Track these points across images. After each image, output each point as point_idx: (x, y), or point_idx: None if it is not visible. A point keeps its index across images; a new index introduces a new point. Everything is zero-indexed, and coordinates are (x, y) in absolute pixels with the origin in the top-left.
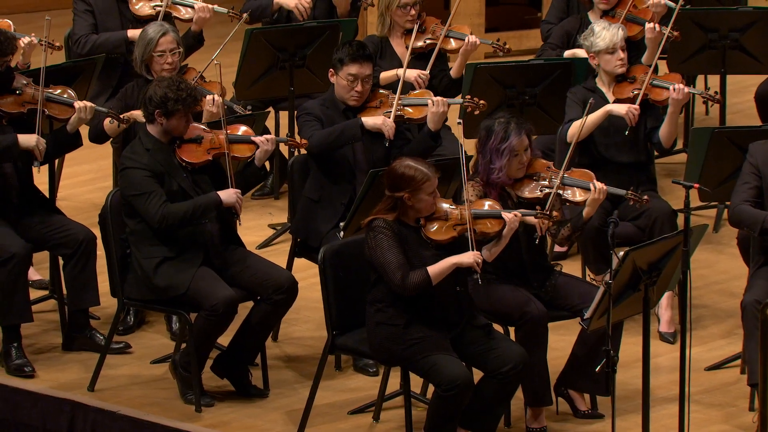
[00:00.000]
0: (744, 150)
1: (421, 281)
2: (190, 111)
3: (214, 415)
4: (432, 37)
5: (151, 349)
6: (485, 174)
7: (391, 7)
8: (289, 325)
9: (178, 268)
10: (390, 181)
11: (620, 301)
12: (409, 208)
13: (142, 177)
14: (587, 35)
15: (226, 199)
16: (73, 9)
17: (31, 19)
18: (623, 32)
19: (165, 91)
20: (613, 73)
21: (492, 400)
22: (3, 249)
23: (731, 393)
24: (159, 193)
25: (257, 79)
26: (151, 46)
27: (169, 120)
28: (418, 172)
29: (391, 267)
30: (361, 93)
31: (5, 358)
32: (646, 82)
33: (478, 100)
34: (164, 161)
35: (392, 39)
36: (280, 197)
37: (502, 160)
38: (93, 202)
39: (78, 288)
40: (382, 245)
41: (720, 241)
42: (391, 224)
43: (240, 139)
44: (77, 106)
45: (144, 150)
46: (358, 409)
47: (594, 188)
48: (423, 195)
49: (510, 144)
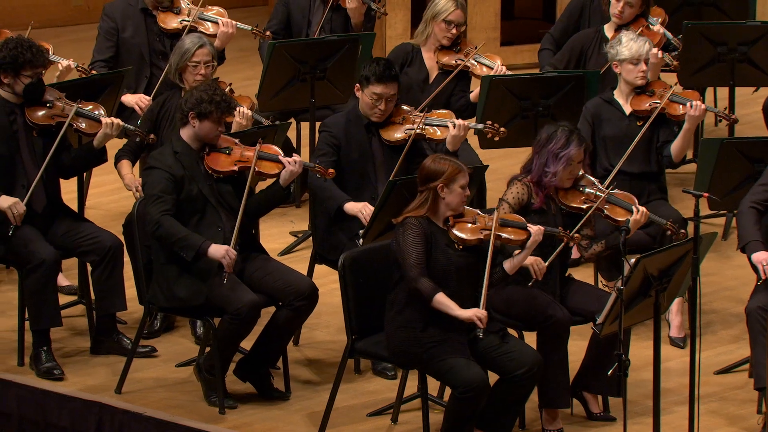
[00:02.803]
0: (752, 160)
1: (425, 290)
2: (223, 117)
3: (237, 417)
4: (462, 59)
5: (176, 352)
6: (538, 174)
7: (437, 19)
8: (309, 329)
9: (195, 280)
10: (423, 176)
11: (632, 306)
12: (441, 201)
13: (160, 178)
14: (614, 44)
15: (213, 253)
16: (99, 26)
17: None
18: (650, 46)
19: (201, 94)
20: (633, 84)
21: (507, 402)
22: (33, 256)
23: (740, 396)
24: (168, 201)
25: (279, 91)
26: (187, 56)
27: (201, 122)
28: (451, 164)
29: (410, 261)
30: (383, 111)
31: (35, 362)
32: (665, 96)
33: (498, 127)
34: (189, 165)
35: (425, 49)
36: (301, 206)
37: (558, 166)
38: (119, 211)
39: (105, 293)
40: (407, 240)
41: (729, 248)
42: (421, 222)
43: (268, 156)
44: (105, 121)
45: (171, 152)
46: (377, 412)
47: (637, 210)
48: (456, 186)
49: (569, 152)
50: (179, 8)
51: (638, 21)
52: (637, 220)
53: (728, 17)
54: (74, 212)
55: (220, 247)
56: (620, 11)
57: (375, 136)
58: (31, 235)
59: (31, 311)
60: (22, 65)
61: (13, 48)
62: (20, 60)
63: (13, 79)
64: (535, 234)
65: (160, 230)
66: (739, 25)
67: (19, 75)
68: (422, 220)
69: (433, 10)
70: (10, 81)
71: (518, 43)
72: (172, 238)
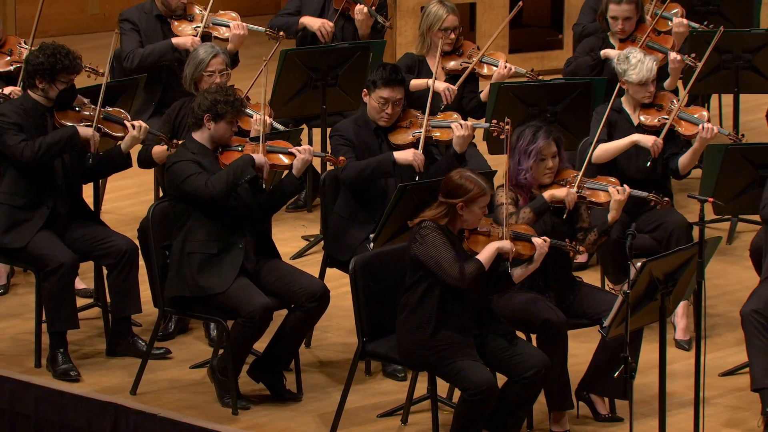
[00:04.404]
0: (756, 166)
1: (476, 269)
2: (237, 117)
3: (250, 417)
4: (468, 61)
5: (190, 354)
6: (514, 175)
7: (433, 29)
8: (321, 332)
9: (218, 270)
10: (447, 188)
11: (638, 309)
12: (458, 217)
13: (187, 164)
14: (621, 62)
15: (258, 159)
16: (120, 29)
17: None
18: (656, 67)
19: (215, 96)
20: (640, 102)
21: (515, 403)
22: (51, 259)
23: (744, 398)
24: (204, 173)
25: (292, 98)
26: (203, 66)
27: (217, 124)
28: (477, 186)
29: (448, 261)
30: (390, 115)
31: (52, 363)
32: (674, 115)
33: (503, 124)
34: (207, 165)
35: (429, 59)
36: (313, 210)
37: (529, 162)
38: (135, 215)
39: (121, 296)
40: (436, 242)
41: (733, 252)
42: (441, 226)
43: (279, 149)
44: (134, 125)
45: (190, 153)
46: (387, 413)
47: (616, 190)
48: (476, 208)
49: (537, 146)
50: (192, 15)
51: (642, 27)
52: (618, 200)
53: (733, 26)
54: (94, 214)
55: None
56: (621, 28)
57: (384, 140)
58: (48, 239)
59: (49, 314)
60: (59, 71)
61: (51, 54)
62: (58, 66)
63: (48, 85)
64: (540, 247)
65: (213, 189)
66: (744, 34)
67: (55, 81)
68: (441, 226)
69: (427, 21)
70: (45, 86)
71: (526, 50)
72: (228, 179)
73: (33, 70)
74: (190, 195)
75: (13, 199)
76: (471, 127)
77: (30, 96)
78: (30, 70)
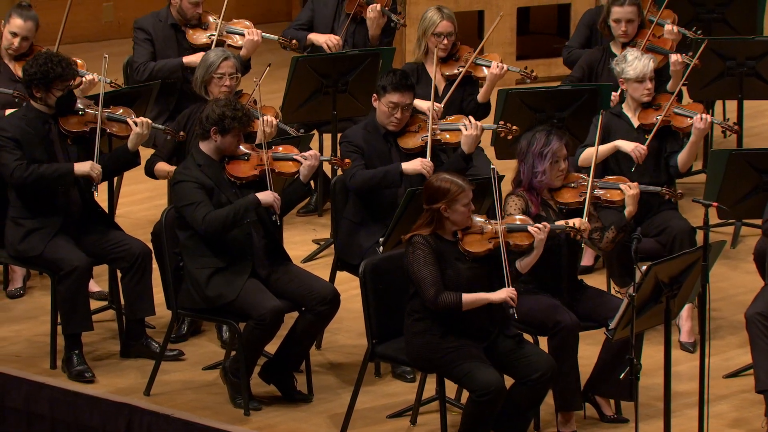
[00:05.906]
0: (760, 171)
1: (451, 303)
2: (243, 130)
3: (261, 418)
4: (464, 65)
5: (203, 356)
6: (528, 178)
7: (427, 34)
8: (331, 334)
9: (228, 279)
10: (427, 194)
11: (643, 312)
12: (445, 220)
13: (191, 189)
14: (619, 61)
15: (264, 199)
16: (134, 37)
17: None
18: (653, 64)
19: (223, 110)
20: (639, 101)
21: (522, 405)
22: (66, 262)
23: (748, 399)
24: (205, 203)
25: (302, 104)
26: (213, 69)
27: (223, 137)
28: (453, 184)
29: (426, 283)
30: (400, 120)
31: (67, 365)
32: (667, 109)
33: (510, 126)
34: (214, 176)
35: (428, 65)
36: (323, 214)
37: (545, 164)
38: (149, 219)
39: (135, 299)
40: (419, 260)
41: (737, 256)
42: (429, 240)
43: (285, 156)
44: (135, 121)
45: (195, 165)
46: (397, 414)
47: (629, 187)
48: (459, 206)
49: (552, 147)
50: (207, 23)
51: (642, 32)
52: (632, 195)
53: (737, 33)
54: (108, 216)
55: (266, 194)
56: (624, 31)
57: (393, 145)
58: (63, 242)
59: (64, 316)
60: (53, 80)
61: (43, 64)
62: (51, 75)
63: (45, 93)
64: (536, 234)
65: (211, 226)
66: (748, 41)
67: (51, 89)
68: (429, 238)
69: (422, 26)
70: (42, 95)
71: (533, 57)
72: (228, 219)
73: (29, 81)
74: (188, 221)
75: (26, 212)
76: (480, 127)
77: (32, 106)
78: (26, 80)
